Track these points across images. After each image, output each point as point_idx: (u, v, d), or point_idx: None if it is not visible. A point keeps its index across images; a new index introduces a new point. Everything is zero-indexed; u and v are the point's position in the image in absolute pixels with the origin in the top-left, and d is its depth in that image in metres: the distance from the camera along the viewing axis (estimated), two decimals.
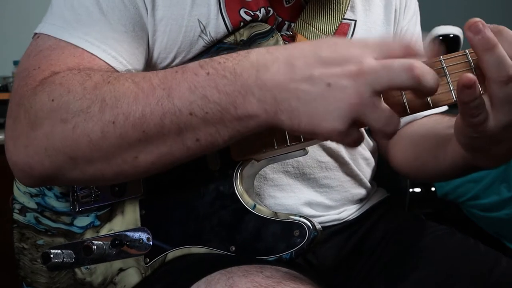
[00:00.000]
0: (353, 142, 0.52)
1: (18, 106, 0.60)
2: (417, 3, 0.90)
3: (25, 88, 0.60)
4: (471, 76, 0.50)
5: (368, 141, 0.87)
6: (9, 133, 0.61)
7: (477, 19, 0.52)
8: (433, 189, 1.57)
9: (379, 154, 0.92)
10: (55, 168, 0.58)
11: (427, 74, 0.48)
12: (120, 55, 0.64)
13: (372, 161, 0.88)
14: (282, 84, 0.50)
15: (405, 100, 0.55)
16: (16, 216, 0.78)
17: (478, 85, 0.51)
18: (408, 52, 0.50)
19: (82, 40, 0.63)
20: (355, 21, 0.78)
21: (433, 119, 0.83)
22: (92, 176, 0.58)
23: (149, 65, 0.70)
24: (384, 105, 0.49)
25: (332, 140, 0.52)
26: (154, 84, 0.54)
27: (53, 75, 0.59)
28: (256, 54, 0.53)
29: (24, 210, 0.78)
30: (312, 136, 0.54)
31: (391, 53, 0.49)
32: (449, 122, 0.75)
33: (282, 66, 0.51)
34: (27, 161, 0.59)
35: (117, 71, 0.63)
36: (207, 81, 0.52)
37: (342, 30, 0.76)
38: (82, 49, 0.62)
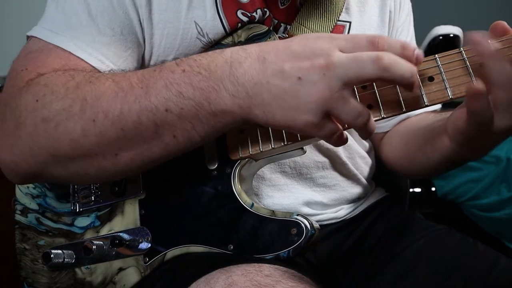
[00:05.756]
0: (330, 134, 0.53)
1: (6, 106, 0.62)
2: (410, 4, 0.91)
3: (12, 89, 0.62)
4: (480, 86, 0.51)
5: (362, 142, 0.87)
6: None
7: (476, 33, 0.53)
8: (433, 189, 1.57)
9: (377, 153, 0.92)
10: (39, 166, 0.60)
11: (397, 64, 0.50)
12: (106, 58, 0.65)
13: (369, 160, 0.88)
14: (255, 78, 0.52)
15: (400, 98, 0.56)
16: (18, 217, 0.79)
17: (487, 95, 0.52)
18: (375, 45, 0.51)
19: (69, 43, 0.64)
20: (350, 22, 0.79)
21: (420, 116, 0.84)
22: (75, 173, 0.60)
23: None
24: (354, 98, 0.51)
25: (307, 132, 0.53)
26: (132, 83, 0.56)
27: (38, 77, 0.61)
28: (231, 51, 0.54)
29: (25, 211, 0.78)
30: (287, 130, 0.55)
31: (358, 47, 0.51)
32: (434, 118, 0.76)
33: (255, 62, 0.52)
34: (13, 159, 0.60)
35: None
36: (182, 78, 0.54)
37: (337, 31, 0.77)
38: (69, 52, 0.64)
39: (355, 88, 0.57)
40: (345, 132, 0.56)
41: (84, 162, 0.58)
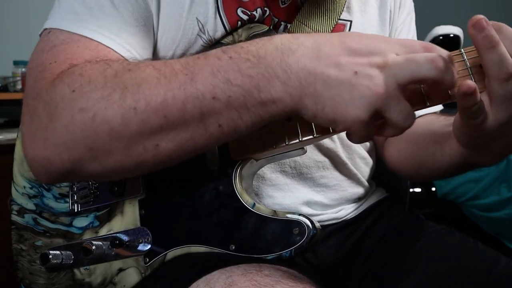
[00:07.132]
0: (366, 136, 0.52)
1: (36, 100, 0.58)
2: (412, 3, 0.91)
3: (42, 82, 0.58)
4: (471, 83, 0.50)
5: None
6: (26, 129, 0.59)
7: (481, 16, 0.52)
8: (433, 189, 1.58)
9: (378, 154, 0.92)
10: (74, 161, 0.56)
11: (449, 67, 0.50)
12: (133, 49, 0.64)
13: (370, 160, 0.88)
14: (309, 67, 0.50)
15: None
16: (14, 217, 0.78)
17: (478, 91, 0.51)
18: (428, 51, 0.50)
19: (96, 33, 0.62)
20: (351, 21, 0.78)
21: (429, 118, 0.83)
22: (112, 169, 0.56)
23: None
24: (405, 100, 0.50)
25: (350, 130, 0.51)
26: (176, 70, 0.53)
27: (71, 67, 0.58)
28: (281, 38, 0.52)
29: (22, 211, 0.78)
30: (331, 125, 0.52)
31: (413, 50, 0.50)
32: (446, 120, 0.75)
33: (309, 51, 0.51)
34: (46, 155, 0.56)
35: None
36: (230, 65, 0.52)
37: (338, 30, 0.76)
38: (97, 42, 0.62)
39: None
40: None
41: (122, 155, 0.55)
